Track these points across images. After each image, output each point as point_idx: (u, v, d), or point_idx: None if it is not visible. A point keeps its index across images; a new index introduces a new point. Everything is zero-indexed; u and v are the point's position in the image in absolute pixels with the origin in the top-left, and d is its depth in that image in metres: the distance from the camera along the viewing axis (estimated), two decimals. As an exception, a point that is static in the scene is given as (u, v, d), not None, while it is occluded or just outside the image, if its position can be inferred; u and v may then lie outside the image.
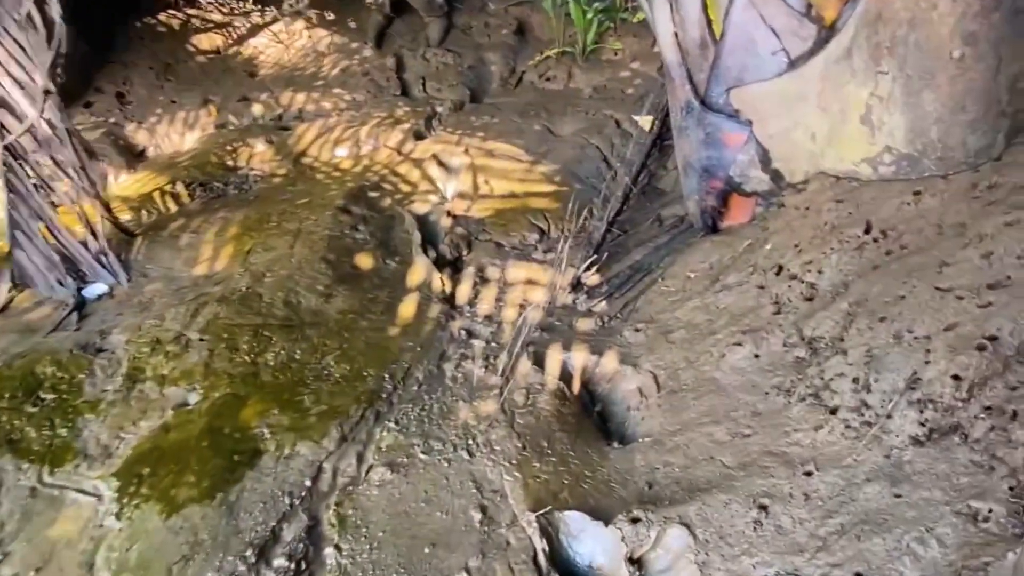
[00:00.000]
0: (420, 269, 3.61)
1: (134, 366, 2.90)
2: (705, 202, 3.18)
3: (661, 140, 4.40)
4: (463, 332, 3.19)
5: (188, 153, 5.48)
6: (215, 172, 5.08)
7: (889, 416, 1.88)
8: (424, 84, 5.96)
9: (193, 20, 6.68)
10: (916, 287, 2.07)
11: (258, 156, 5.30)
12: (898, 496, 1.76)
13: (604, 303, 3.28)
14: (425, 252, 3.74)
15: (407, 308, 3.33)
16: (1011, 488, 1.62)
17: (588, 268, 3.40)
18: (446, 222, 4.07)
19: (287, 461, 2.49)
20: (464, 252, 3.87)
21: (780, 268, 2.66)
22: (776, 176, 2.92)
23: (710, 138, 2.97)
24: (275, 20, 6.71)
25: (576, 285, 3.40)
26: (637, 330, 2.96)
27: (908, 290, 2.08)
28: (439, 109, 5.52)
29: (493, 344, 3.12)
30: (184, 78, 6.25)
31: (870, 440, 1.88)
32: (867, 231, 2.48)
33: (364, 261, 3.61)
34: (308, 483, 2.43)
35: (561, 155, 4.59)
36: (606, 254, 3.53)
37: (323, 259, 3.50)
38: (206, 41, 6.66)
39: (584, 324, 3.20)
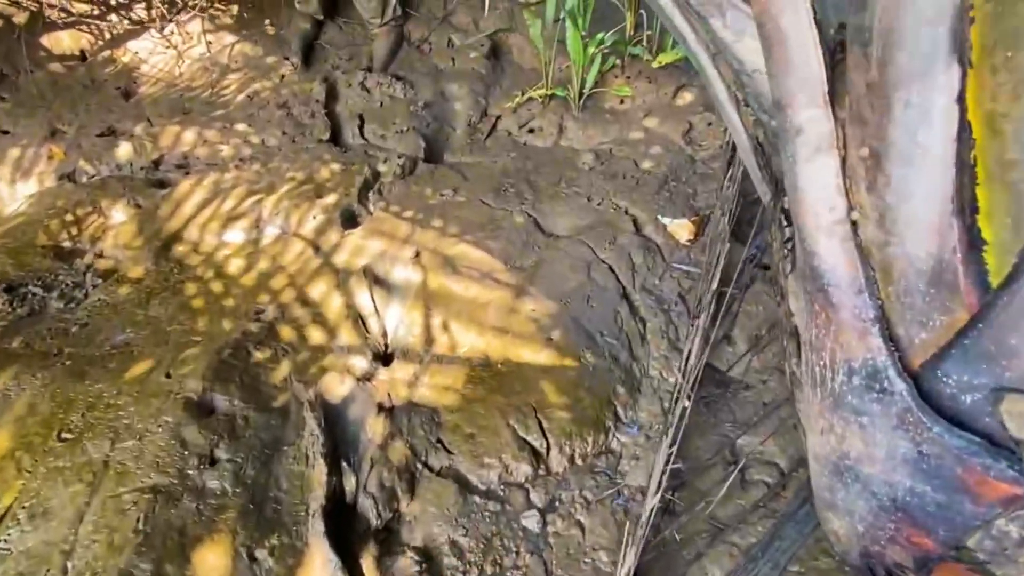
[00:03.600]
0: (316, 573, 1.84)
1: None
2: (883, 549, 1.50)
3: (718, 276, 2.67)
4: None
5: (9, 221, 3.48)
6: (39, 264, 3.13)
7: None
8: (362, 126, 4.05)
9: (49, 11, 4.51)
10: None
11: (112, 235, 3.35)
12: None
13: None
14: (330, 518, 1.97)
15: None
16: None
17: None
18: (377, 425, 2.28)
19: None
20: (402, 503, 2.10)
21: None
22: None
23: (928, 462, 1.27)
24: (165, 17, 4.61)
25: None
26: None
27: None
28: (381, 168, 3.66)
29: None
30: (26, 96, 4.16)
31: None
32: None
33: (209, 563, 1.81)
34: None
35: (557, 279, 2.84)
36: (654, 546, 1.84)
37: (127, 573, 1.69)
38: (68, 41, 4.54)
39: None
